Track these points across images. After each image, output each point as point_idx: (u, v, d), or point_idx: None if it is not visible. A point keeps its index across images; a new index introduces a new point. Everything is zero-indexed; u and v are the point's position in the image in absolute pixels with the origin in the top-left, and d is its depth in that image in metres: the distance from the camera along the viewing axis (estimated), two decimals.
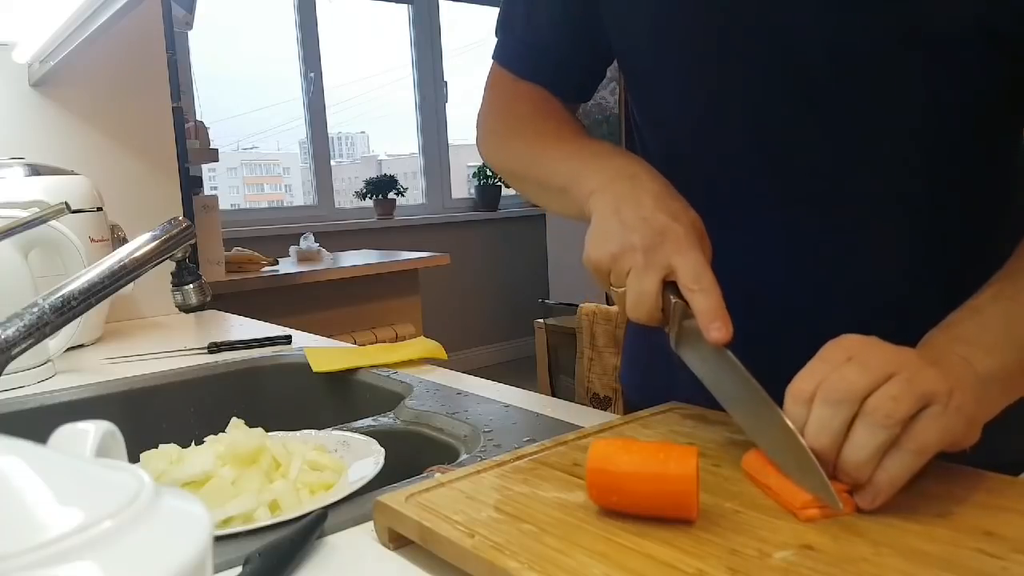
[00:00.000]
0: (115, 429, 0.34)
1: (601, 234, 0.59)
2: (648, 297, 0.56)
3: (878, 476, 0.45)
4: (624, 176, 0.62)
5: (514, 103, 0.80)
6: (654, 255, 0.56)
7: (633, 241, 0.57)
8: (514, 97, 0.80)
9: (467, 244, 4.58)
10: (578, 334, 2.59)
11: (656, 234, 0.56)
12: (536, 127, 0.76)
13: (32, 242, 1.06)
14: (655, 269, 0.56)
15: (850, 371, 0.46)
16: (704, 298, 0.54)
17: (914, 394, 0.45)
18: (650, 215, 0.58)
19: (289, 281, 2.47)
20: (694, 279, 0.55)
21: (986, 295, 0.56)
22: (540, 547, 0.43)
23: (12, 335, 0.63)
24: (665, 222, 0.57)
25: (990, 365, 0.50)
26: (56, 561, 0.21)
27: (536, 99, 0.79)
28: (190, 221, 0.81)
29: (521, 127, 0.77)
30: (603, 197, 0.62)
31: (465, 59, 4.79)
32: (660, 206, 0.58)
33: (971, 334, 0.53)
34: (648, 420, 0.65)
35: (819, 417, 0.46)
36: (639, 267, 0.56)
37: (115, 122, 1.50)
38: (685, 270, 0.55)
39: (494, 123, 0.81)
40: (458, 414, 0.79)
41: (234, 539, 0.53)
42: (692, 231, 0.57)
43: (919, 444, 0.45)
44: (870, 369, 0.46)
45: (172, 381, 1.04)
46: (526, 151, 0.75)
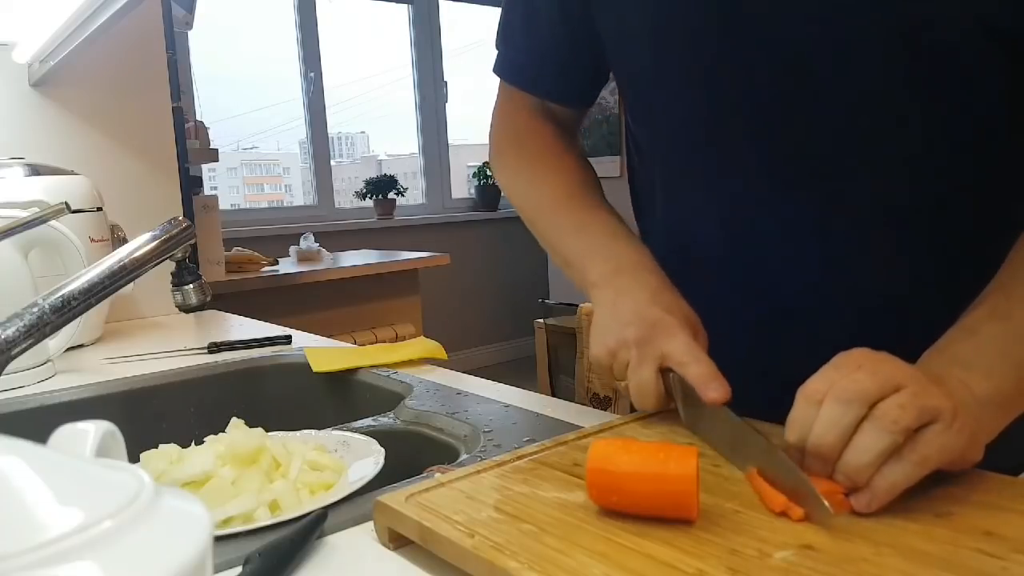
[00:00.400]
0: (115, 429, 0.34)
1: (600, 331, 0.64)
2: (648, 386, 0.60)
3: (877, 481, 0.45)
4: (625, 270, 0.67)
5: (524, 137, 0.81)
6: (647, 347, 0.60)
7: (627, 336, 0.61)
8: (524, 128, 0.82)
9: (467, 244, 4.58)
10: (578, 334, 2.59)
11: (648, 327, 0.60)
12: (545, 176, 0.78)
13: (32, 242, 1.06)
14: (649, 360, 0.60)
15: (862, 375, 0.47)
16: (696, 367, 0.58)
17: (921, 407, 0.46)
18: (645, 310, 0.62)
19: (289, 281, 2.47)
20: (685, 353, 0.58)
21: (980, 314, 0.56)
22: (540, 547, 0.43)
23: (12, 335, 0.63)
24: (658, 315, 0.61)
25: (987, 388, 0.51)
26: (56, 561, 0.21)
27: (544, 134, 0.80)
28: (190, 221, 0.81)
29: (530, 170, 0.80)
30: (604, 292, 0.66)
31: (465, 59, 4.79)
32: (655, 300, 0.63)
33: (968, 357, 0.53)
34: (648, 420, 0.65)
35: (828, 414, 0.47)
36: (634, 360, 0.61)
37: (115, 122, 1.49)
38: (675, 350, 0.59)
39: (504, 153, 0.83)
40: (458, 414, 0.79)
41: (234, 539, 0.53)
42: (684, 322, 0.61)
43: (920, 455, 0.45)
44: (879, 377, 0.47)
45: (172, 381, 1.04)
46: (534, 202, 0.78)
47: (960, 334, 0.55)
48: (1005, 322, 0.55)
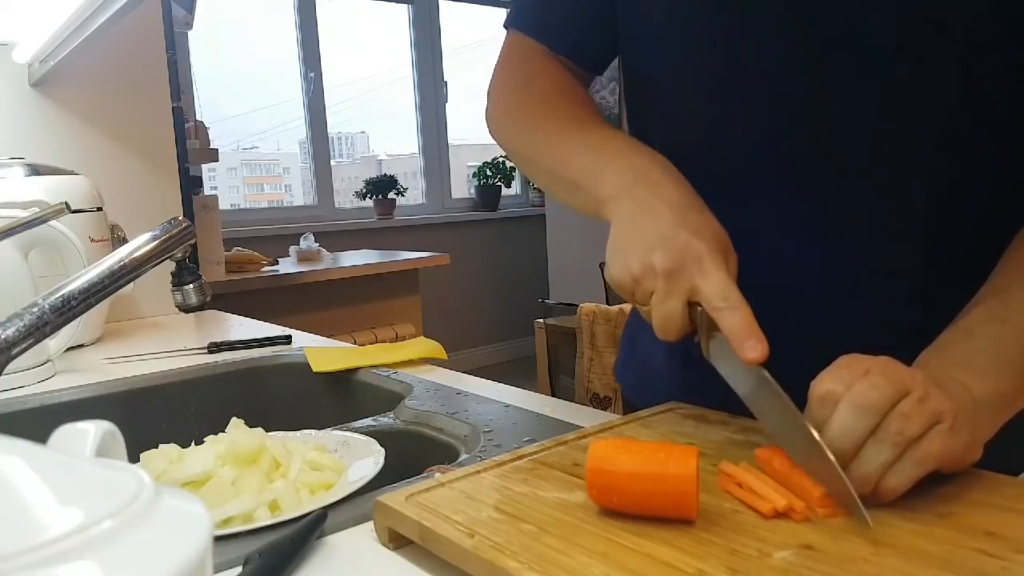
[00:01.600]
0: (115, 429, 0.34)
1: (621, 251, 0.58)
2: (674, 318, 0.55)
3: (884, 483, 0.46)
4: (643, 180, 0.60)
5: (532, 79, 0.75)
6: (676, 279, 0.54)
7: (653, 262, 0.55)
8: (532, 73, 0.76)
9: (467, 244, 4.58)
10: (578, 334, 2.59)
11: (677, 254, 0.54)
12: (552, 108, 0.72)
13: (32, 242, 1.06)
14: (678, 293, 0.55)
15: (878, 380, 0.47)
16: (733, 315, 0.52)
17: (925, 413, 0.46)
18: (670, 232, 0.55)
19: (289, 281, 2.47)
20: (721, 298, 0.53)
21: (977, 315, 0.56)
22: (540, 547, 0.43)
23: (12, 335, 0.63)
24: (686, 240, 0.55)
25: (985, 389, 0.51)
26: (56, 561, 0.21)
27: (555, 76, 0.75)
28: (190, 221, 0.81)
29: (536, 106, 0.74)
30: (621, 205, 0.59)
31: (465, 59, 4.79)
32: (681, 220, 0.56)
33: (965, 358, 0.54)
34: (648, 420, 0.65)
35: (844, 420, 0.47)
36: (661, 291, 0.55)
37: (115, 122, 1.50)
38: (710, 291, 0.53)
39: (507, 98, 0.77)
40: (458, 414, 0.79)
41: (234, 539, 0.53)
42: (715, 247, 0.55)
43: (922, 455, 0.46)
44: (892, 381, 0.47)
45: (172, 381, 1.04)
46: (540, 134, 0.71)
47: (957, 335, 0.56)
48: (1001, 324, 0.55)
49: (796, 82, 0.63)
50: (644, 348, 0.82)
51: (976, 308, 0.57)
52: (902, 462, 0.46)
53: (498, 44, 0.81)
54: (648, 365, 0.81)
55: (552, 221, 4.28)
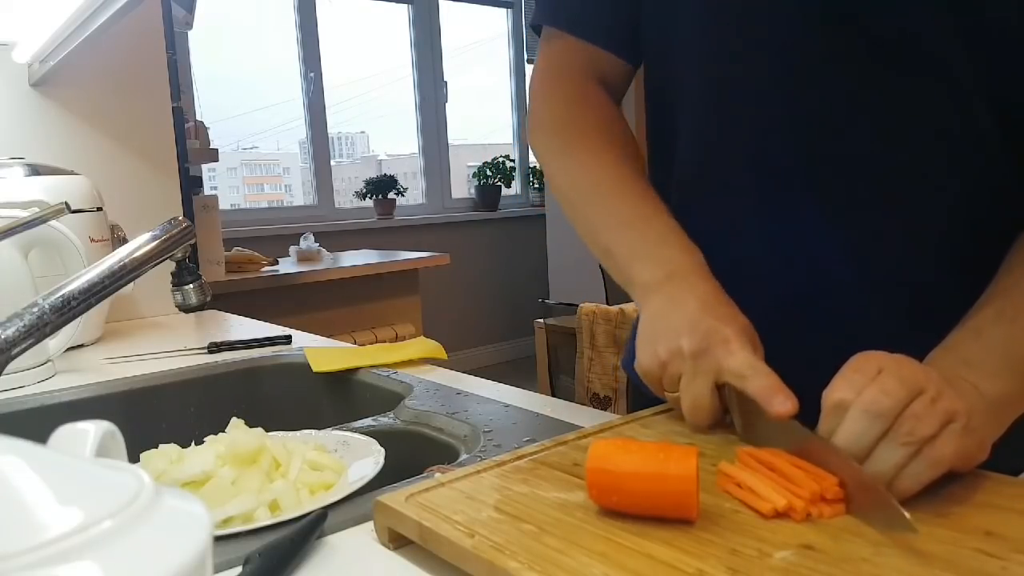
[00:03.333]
0: (115, 429, 0.34)
1: (649, 340, 0.60)
2: (703, 400, 0.57)
3: (897, 484, 0.46)
4: (676, 277, 0.62)
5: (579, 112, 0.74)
6: (703, 360, 0.56)
7: (681, 346, 0.57)
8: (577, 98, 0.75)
9: (467, 244, 4.58)
10: (578, 334, 2.59)
11: (704, 338, 0.56)
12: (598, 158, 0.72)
13: (32, 242, 1.06)
14: (705, 374, 0.56)
15: (890, 383, 0.47)
16: (760, 379, 0.54)
17: (938, 413, 0.46)
18: (698, 319, 0.57)
19: (289, 281, 2.47)
20: (748, 367, 0.54)
21: (987, 315, 0.56)
22: (540, 547, 0.43)
23: (12, 335, 0.63)
24: (713, 325, 0.57)
25: (994, 389, 0.52)
26: (56, 561, 0.21)
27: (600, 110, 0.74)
28: (190, 221, 0.81)
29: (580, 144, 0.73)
30: (652, 299, 0.62)
31: (465, 59, 4.79)
32: (709, 310, 0.58)
33: (975, 357, 0.54)
34: (648, 420, 0.65)
35: (854, 427, 0.47)
36: (688, 373, 0.57)
37: (115, 122, 1.49)
38: (736, 364, 0.55)
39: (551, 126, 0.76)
40: (458, 414, 0.79)
41: (234, 539, 0.53)
42: (742, 334, 0.57)
43: (936, 457, 0.46)
44: (904, 383, 0.47)
45: (172, 381, 1.04)
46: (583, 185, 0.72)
47: (966, 335, 0.56)
48: (1011, 324, 0.55)
49: (826, 85, 0.63)
50: None
51: (985, 307, 0.57)
52: (916, 463, 0.46)
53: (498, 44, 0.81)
54: None
55: (552, 221, 4.28)
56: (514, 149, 5.15)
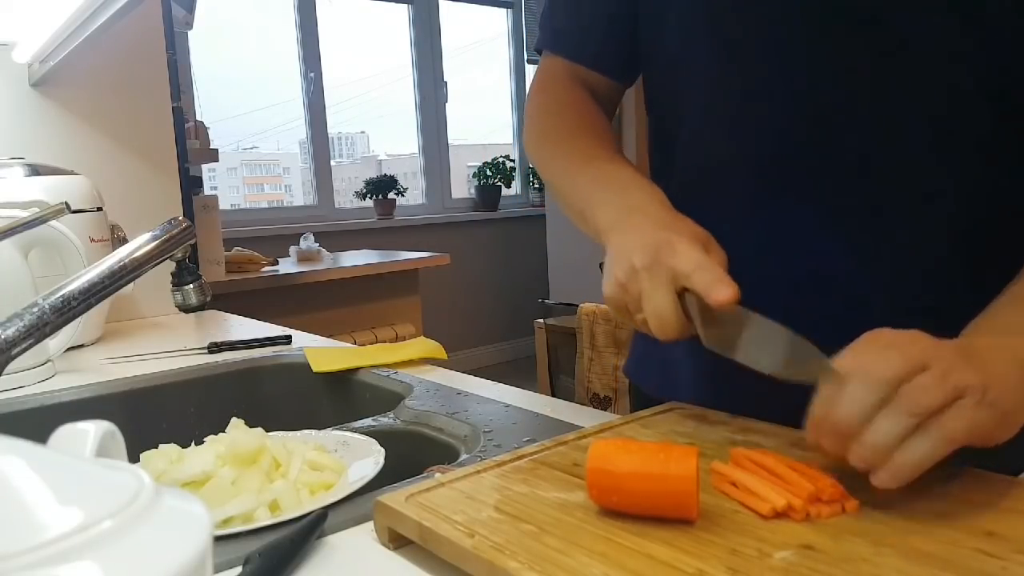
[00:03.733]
0: (115, 429, 0.34)
1: (608, 267, 0.60)
2: (666, 311, 0.56)
3: (900, 457, 0.45)
4: (635, 211, 0.63)
5: (560, 111, 0.80)
6: (655, 270, 0.56)
7: (635, 262, 0.57)
8: (560, 103, 0.80)
9: (467, 244, 4.58)
10: (578, 334, 2.59)
11: (653, 249, 0.56)
12: (573, 143, 0.77)
13: (32, 242, 1.06)
14: (662, 282, 0.55)
15: (892, 354, 0.46)
16: (702, 274, 0.54)
17: (945, 387, 0.45)
18: (649, 236, 0.58)
19: (289, 281, 2.47)
20: (689, 264, 0.54)
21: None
22: (540, 547, 0.43)
23: (12, 335, 0.63)
24: (661, 236, 0.57)
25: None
26: (56, 561, 0.21)
27: (581, 108, 0.79)
28: (190, 221, 0.81)
29: (561, 141, 0.78)
30: (613, 236, 0.63)
31: (465, 59, 4.79)
32: (660, 226, 0.59)
33: (1017, 323, 0.52)
34: (648, 420, 0.65)
35: (852, 394, 0.46)
36: (647, 287, 0.56)
37: (115, 122, 1.49)
38: (682, 263, 0.55)
39: (538, 126, 0.81)
40: (458, 414, 0.79)
41: (234, 539, 0.53)
42: (690, 236, 0.57)
43: (945, 432, 0.44)
44: (909, 357, 0.46)
45: (172, 381, 1.04)
46: (559, 166, 0.76)
47: (1007, 303, 0.55)
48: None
49: (825, 85, 0.63)
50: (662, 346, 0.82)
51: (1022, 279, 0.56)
52: (922, 438, 0.44)
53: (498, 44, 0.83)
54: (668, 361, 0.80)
55: (552, 221, 4.28)
56: (514, 149, 5.15)
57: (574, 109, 0.79)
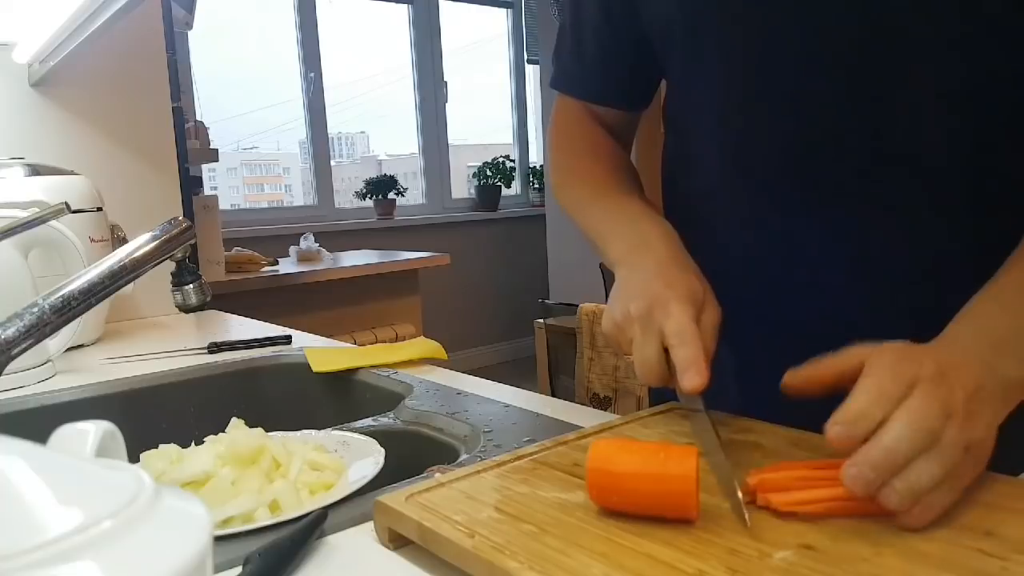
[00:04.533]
0: (115, 429, 0.34)
1: (610, 306, 0.64)
2: (651, 363, 0.59)
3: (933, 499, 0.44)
4: (641, 246, 0.67)
5: (574, 144, 0.85)
6: (647, 323, 0.60)
7: (629, 310, 0.61)
8: (575, 137, 0.85)
9: (467, 244, 4.58)
10: (578, 334, 2.59)
11: (648, 303, 0.60)
12: (587, 176, 0.82)
13: (32, 242, 1.06)
14: (650, 336, 0.59)
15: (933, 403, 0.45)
16: (682, 350, 0.57)
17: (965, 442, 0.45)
18: (648, 284, 0.61)
19: (289, 281, 2.47)
20: (675, 335, 0.58)
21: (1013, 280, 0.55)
22: (540, 547, 0.43)
23: (12, 335, 0.63)
24: (658, 290, 0.60)
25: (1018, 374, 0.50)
26: (56, 561, 0.21)
27: (591, 139, 0.83)
28: (190, 221, 0.81)
29: (577, 174, 0.83)
30: (620, 269, 0.67)
31: (465, 59, 4.79)
32: (660, 274, 0.62)
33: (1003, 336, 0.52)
34: (648, 420, 0.65)
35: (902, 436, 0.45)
36: (638, 336, 0.60)
37: (115, 122, 1.49)
38: (668, 330, 0.58)
39: (563, 166, 0.86)
40: (458, 414, 0.79)
41: (234, 539, 0.53)
42: (685, 297, 0.60)
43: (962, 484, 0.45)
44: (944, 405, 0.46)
45: (172, 381, 1.04)
46: (577, 201, 0.81)
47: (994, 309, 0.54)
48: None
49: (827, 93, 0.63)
50: None
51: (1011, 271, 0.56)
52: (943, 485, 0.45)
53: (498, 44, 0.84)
54: None
55: (552, 221, 4.28)
56: (514, 149, 5.15)
57: (588, 143, 0.84)
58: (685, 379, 0.56)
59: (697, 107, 0.73)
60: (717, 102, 0.70)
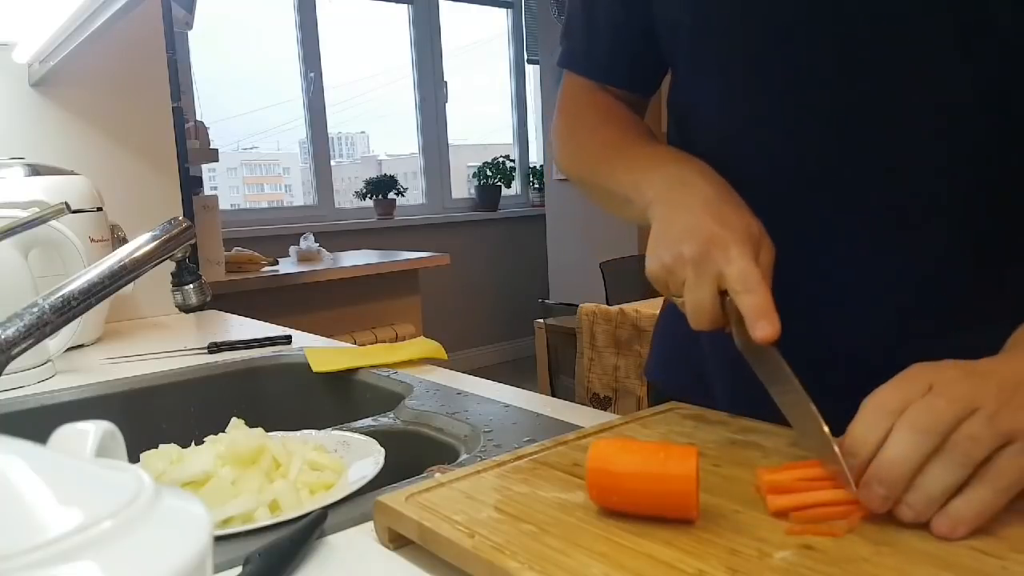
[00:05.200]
0: (115, 429, 0.34)
1: (655, 246, 0.60)
2: (704, 307, 0.57)
3: (961, 508, 0.43)
4: (680, 184, 0.63)
5: (582, 112, 0.81)
6: (703, 266, 0.56)
7: (682, 252, 0.57)
8: (583, 106, 0.81)
9: (467, 244, 4.58)
10: (578, 334, 2.59)
11: (704, 243, 0.57)
12: (602, 137, 0.77)
13: (32, 242, 1.06)
14: (706, 280, 0.56)
15: (937, 401, 0.44)
16: (749, 298, 0.54)
17: (995, 434, 0.43)
18: (700, 223, 0.58)
19: (289, 281, 2.47)
20: (740, 281, 0.54)
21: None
22: (540, 547, 0.43)
23: (12, 335, 0.63)
24: (713, 230, 0.57)
25: None
26: (56, 561, 0.21)
27: (602, 107, 0.80)
28: (190, 221, 0.81)
29: (588, 138, 0.79)
30: (659, 208, 0.63)
31: (465, 59, 4.79)
32: (711, 212, 0.58)
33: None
34: (648, 420, 0.65)
35: (901, 443, 0.44)
36: (691, 279, 0.57)
37: (115, 122, 1.50)
38: (732, 276, 0.55)
39: (565, 133, 0.82)
40: (458, 414, 0.79)
41: (234, 539, 0.53)
42: (742, 237, 0.57)
43: (1004, 483, 0.43)
44: (955, 401, 0.44)
45: (172, 381, 1.04)
46: (593, 162, 0.76)
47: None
48: None
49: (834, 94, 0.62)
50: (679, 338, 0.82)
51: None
52: (979, 488, 0.43)
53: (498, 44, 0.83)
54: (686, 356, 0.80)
55: (552, 221, 4.28)
56: (514, 149, 5.15)
57: (594, 108, 0.80)
58: (757, 328, 0.53)
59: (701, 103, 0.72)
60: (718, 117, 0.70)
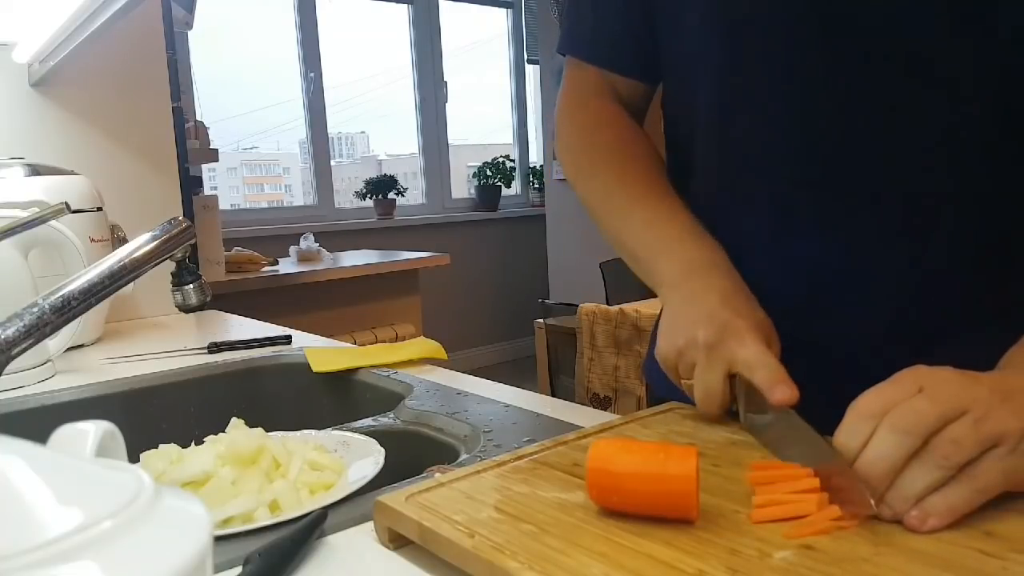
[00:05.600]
0: (115, 429, 0.34)
1: (670, 329, 0.63)
2: (715, 389, 0.59)
3: (935, 501, 0.43)
4: (696, 273, 0.65)
5: (597, 129, 0.79)
6: (717, 351, 0.59)
7: (697, 336, 0.60)
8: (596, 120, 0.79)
9: (467, 244, 4.59)
10: (578, 334, 2.59)
11: (719, 330, 0.59)
12: (619, 169, 0.76)
13: (32, 242, 1.06)
14: (718, 364, 0.59)
15: (921, 403, 0.44)
16: (764, 371, 0.56)
17: (978, 438, 0.43)
18: (715, 312, 0.60)
19: (289, 281, 2.47)
20: (754, 359, 0.57)
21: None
22: (540, 547, 0.43)
23: (12, 335, 0.63)
24: (729, 319, 0.60)
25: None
26: (56, 561, 0.21)
27: (619, 126, 0.78)
28: (190, 221, 0.81)
29: (604, 166, 0.77)
30: (675, 293, 0.65)
31: (465, 59, 4.79)
32: (726, 303, 0.61)
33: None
34: (648, 420, 0.65)
35: (882, 443, 0.44)
36: (702, 363, 0.60)
37: (115, 122, 1.49)
38: (747, 356, 0.57)
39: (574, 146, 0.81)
40: (458, 414, 0.79)
41: (234, 539, 0.53)
42: (756, 328, 0.59)
43: (980, 484, 0.43)
44: (940, 403, 0.44)
45: (172, 381, 1.04)
46: (607, 198, 0.76)
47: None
48: None
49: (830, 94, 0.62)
50: None
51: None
52: (956, 488, 0.43)
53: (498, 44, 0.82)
54: None
55: (552, 221, 4.28)
56: (514, 149, 5.15)
57: (614, 131, 0.78)
58: (776, 392, 0.55)
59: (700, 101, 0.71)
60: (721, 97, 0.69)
